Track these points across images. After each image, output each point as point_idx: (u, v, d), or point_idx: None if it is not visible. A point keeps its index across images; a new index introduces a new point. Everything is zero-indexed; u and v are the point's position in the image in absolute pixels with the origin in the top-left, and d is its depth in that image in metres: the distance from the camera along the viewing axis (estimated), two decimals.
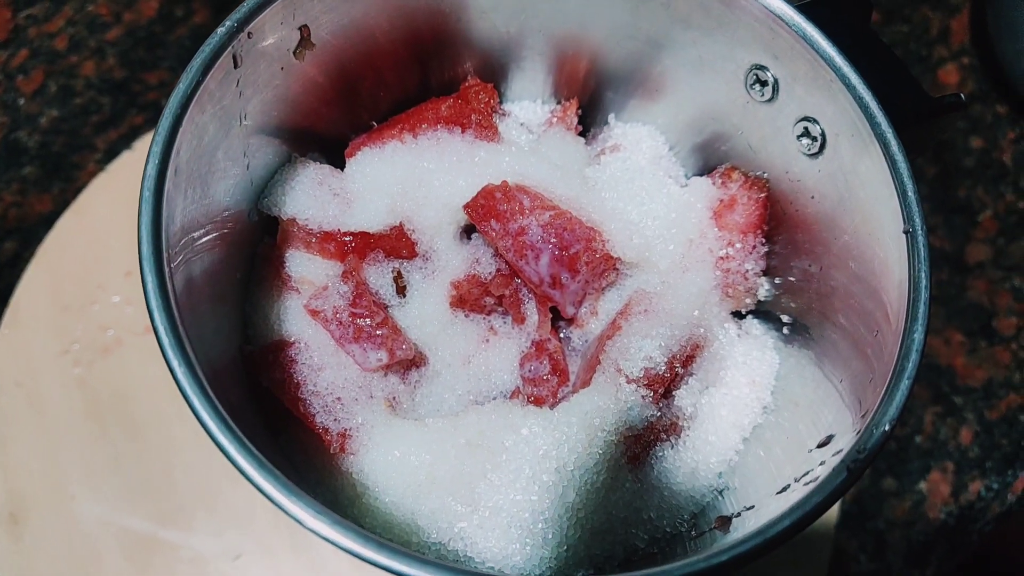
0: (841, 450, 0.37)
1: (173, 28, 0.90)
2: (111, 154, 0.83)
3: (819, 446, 0.40)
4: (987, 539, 0.77)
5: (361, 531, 0.31)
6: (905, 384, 0.36)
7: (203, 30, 0.89)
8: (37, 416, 0.72)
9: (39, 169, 0.82)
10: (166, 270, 0.35)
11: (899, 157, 0.40)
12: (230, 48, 0.39)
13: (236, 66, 0.41)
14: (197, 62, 0.38)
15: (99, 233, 0.78)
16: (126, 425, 0.72)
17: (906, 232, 0.39)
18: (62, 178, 0.82)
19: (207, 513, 0.70)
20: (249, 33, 0.40)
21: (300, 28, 0.43)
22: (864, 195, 0.42)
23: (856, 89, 0.41)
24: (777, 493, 0.39)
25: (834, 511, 0.74)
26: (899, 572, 0.75)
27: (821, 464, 0.37)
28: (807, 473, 0.38)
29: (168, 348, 0.33)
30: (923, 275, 0.38)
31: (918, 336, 0.37)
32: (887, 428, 0.35)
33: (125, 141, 0.84)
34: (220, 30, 0.39)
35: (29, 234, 0.79)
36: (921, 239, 0.39)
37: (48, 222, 0.79)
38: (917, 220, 0.39)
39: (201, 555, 0.69)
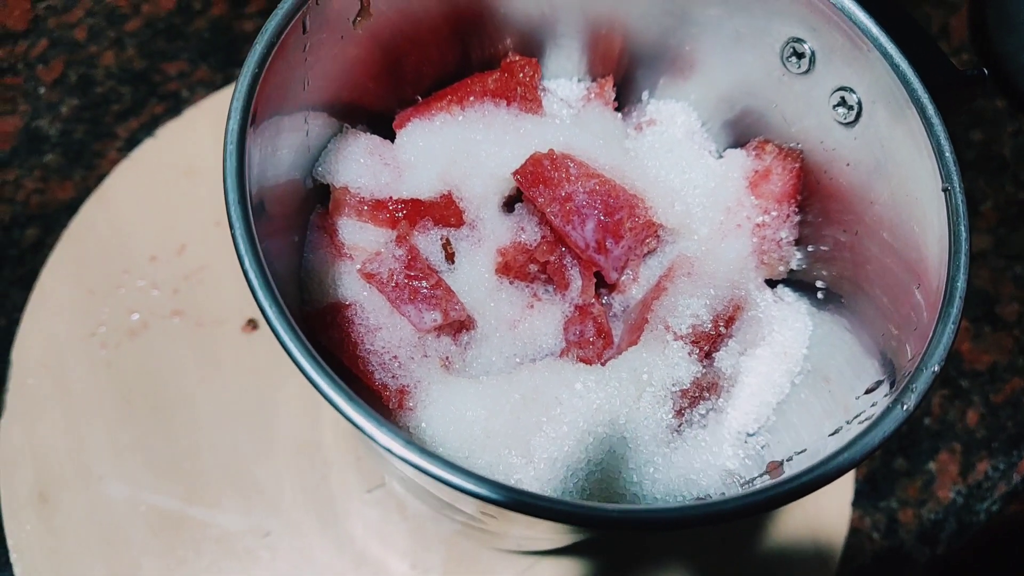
0: (890, 392, 0.39)
1: (192, 20, 0.91)
2: (132, 143, 0.84)
3: (867, 392, 0.42)
4: (995, 518, 0.80)
5: (447, 459, 0.33)
6: (951, 328, 0.38)
7: (221, 22, 0.91)
8: (64, 397, 0.73)
9: (60, 157, 0.83)
10: (251, 216, 0.36)
11: (935, 120, 0.42)
12: (301, 12, 0.41)
13: (304, 31, 0.42)
14: (272, 24, 0.40)
15: (123, 219, 0.79)
16: (153, 406, 0.73)
17: (945, 190, 0.41)
18: (83, 165, 0.83)
19: (235, 492, 0.71)
20: None
21: None
22: (901, 158, 0.44)
23: (893, 57, 0.44)
24: (829, 435, 0.41)
25: (850, 488, 0.76)
26: (911, 549, 0.77)
27: (873, 405, 0.39)
28: (859, 415, 0.40)
29: (258, 289, 0.34)
30: (962, 228, 0.40)
31: (961, 284, 0.39)
32: (936, 369, 0.37)
33: (146, 130, 0.85)
34: None
35: (51, 220, 0.80)
36: (959, 195, 0.41)
37: (70, 209, 0.80)
38: (955, 178, 0.41)
39: (229, 533, 0.70)
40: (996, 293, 0.86)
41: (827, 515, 0.75)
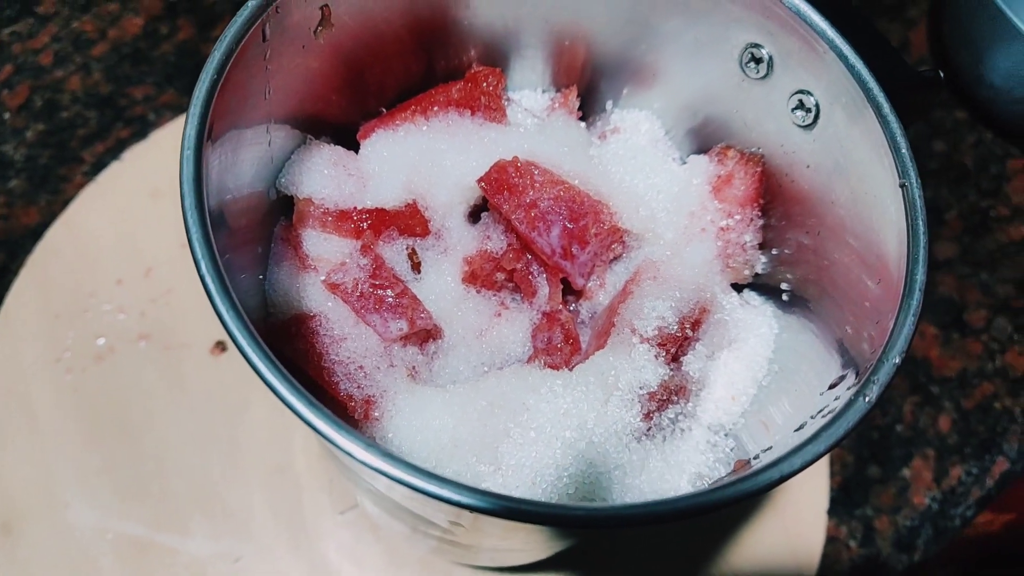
0: (853, 386, 0.39)
1: (158, 44, 0.91)
2: (98, 166, 0.83)
3: (830, 387, 0.42)
4: (970, 524, 0.80)
5: (410, 463, 0.32)
6: (911, 320, 0.38)
7: (187, 46, 0.91)
8: (30, 424, 0.71)
9: (25, 182, 0.83)
10: (208, 221, 0.36)
11: (891, 118, 0.43)
12: (260, 20, 0.41)
13: (264, 39, 0.42)
14: (231, 31, 0.40)
15: (89, 242, 0.79)
16: (119, 431, 0.72)
17: (902, 186, 0.42)
18: (49, 190, 0.82)
19: (204, 517, 0.70)
20: (277, 7, 0.42)
21: (322, 7, 0.45)
22: (859, 157, 0.45)
23: (849, 59, 0.44)
24: (795, 431, 0.41)
25: (825, 497, 0.76)
26: (888, 557, 0.77)
27: (836, 399, 0.39)
28: (823, 409, 0.40)
29: (215, 294, 0.34)
30: (920, 223, 0.41)
31: (920, 277, 0.39)
32: (897, 361, 0.37)
33: (112, 154, 0.84)
34: (252, 2, 0.40)
35: (16, 246, 0.79)
36: (916, 191, 0.41)
37: (35, 234, 0.80)
38: (912, 174, 0.42)
39: (199, 559, 0.69)
40: (963, 300, 0.87)
41: (803, 524, 0.75)
